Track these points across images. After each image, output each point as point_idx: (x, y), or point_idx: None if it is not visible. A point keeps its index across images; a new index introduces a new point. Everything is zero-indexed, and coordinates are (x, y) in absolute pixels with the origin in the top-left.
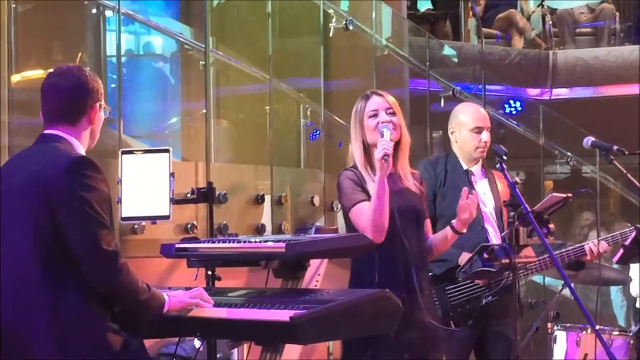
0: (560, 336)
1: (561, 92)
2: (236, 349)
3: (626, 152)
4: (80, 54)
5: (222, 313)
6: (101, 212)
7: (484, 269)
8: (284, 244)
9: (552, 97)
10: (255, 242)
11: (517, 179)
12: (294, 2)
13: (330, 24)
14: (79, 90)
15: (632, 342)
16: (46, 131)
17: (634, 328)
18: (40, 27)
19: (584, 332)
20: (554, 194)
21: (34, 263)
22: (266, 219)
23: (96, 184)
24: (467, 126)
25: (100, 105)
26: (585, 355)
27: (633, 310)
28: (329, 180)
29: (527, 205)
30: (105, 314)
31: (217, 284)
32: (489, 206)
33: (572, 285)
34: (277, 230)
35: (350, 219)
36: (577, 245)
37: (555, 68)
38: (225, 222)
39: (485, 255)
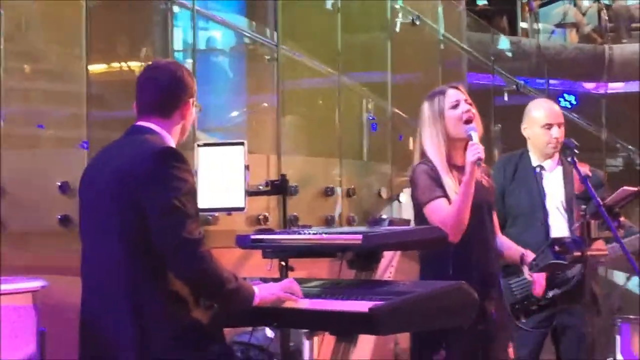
0: (624, 328)
1: (616, 86)
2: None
3: None
4: (145, 49)
5: (302, 304)
6: (186, 202)
7: (556, 261)
8: (361, 236)
9: (608, 91)
10: (332, 233)
11: (588, 172)
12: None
13: (397, 19)
14: (176, 84)
15: None
16: (138, 123)
17: None
18: (109, 23)
19: None
20: (625, 187)
21: (118, 262)
22: (335, 211)
23: (181, 174)
24: (538, 122)
25: (192, 102)
26: None
27: None
28: (395, 173)
29: (599, 199)
30: (189, 308)
31: (290, 274)
32: (555, 200)
33: None
34: (347, 222)
35: (425, 214)
36: None
37: (612, 62)
38: (295, 214)
39: (557, 248)
